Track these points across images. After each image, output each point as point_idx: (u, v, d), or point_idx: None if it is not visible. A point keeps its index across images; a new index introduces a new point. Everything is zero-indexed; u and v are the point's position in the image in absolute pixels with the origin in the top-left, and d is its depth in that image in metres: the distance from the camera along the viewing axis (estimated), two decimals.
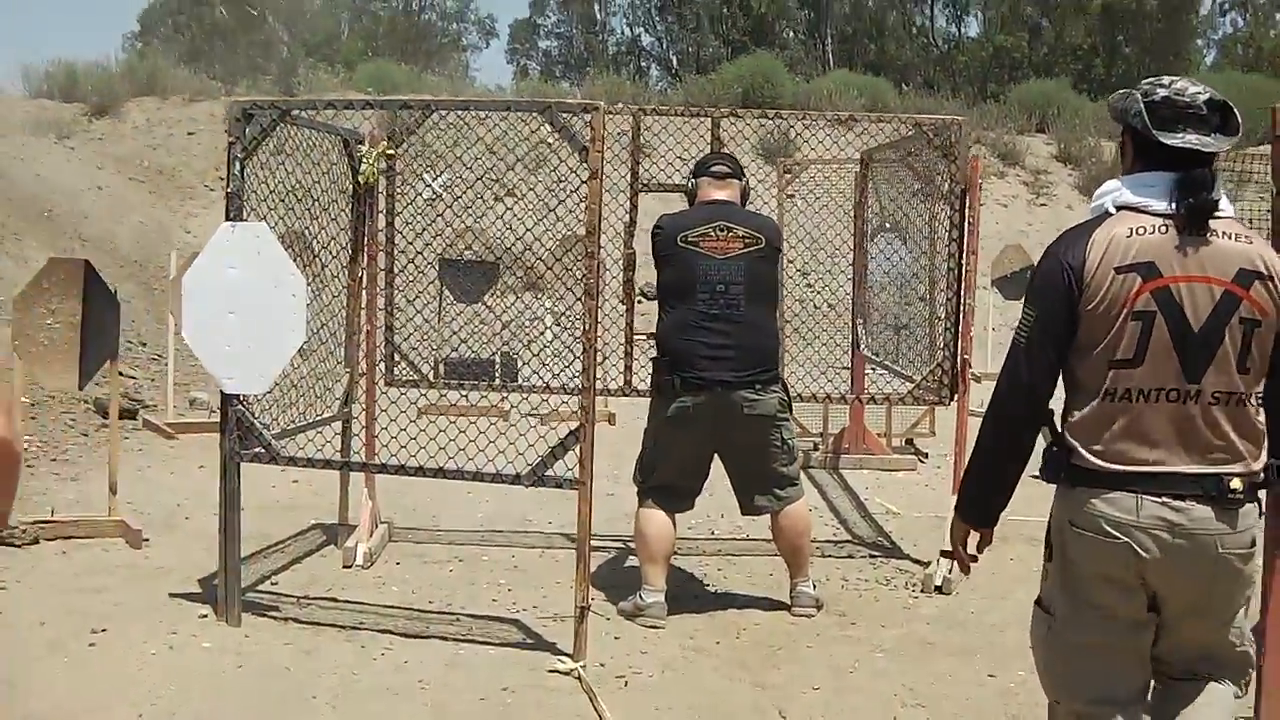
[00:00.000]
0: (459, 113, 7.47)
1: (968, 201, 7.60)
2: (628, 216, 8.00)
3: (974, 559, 3.95)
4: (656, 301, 6.83)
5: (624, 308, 8.01)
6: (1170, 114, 3.51)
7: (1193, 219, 3.47)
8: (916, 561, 8.17)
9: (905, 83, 36.40)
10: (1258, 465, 3.56)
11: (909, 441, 12.40)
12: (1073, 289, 3.48)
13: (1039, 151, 26.77)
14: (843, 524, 9.35)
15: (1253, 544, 3.58)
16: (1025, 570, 7.75)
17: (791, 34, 49.08)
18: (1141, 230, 3.47)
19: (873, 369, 10.44)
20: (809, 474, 10.96)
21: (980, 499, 3.82)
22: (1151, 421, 3.49)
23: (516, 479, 5.89)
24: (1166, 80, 3.61)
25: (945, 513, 9.57)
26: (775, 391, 6.65)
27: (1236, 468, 3.51)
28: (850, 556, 8.29)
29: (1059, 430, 3.64)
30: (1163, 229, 3.47)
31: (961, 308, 7.66)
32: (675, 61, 49.78)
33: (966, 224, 7.60)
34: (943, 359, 7.76)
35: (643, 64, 51.31)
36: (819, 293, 11.26)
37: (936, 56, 48.60)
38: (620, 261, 8.02)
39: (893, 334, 9.93)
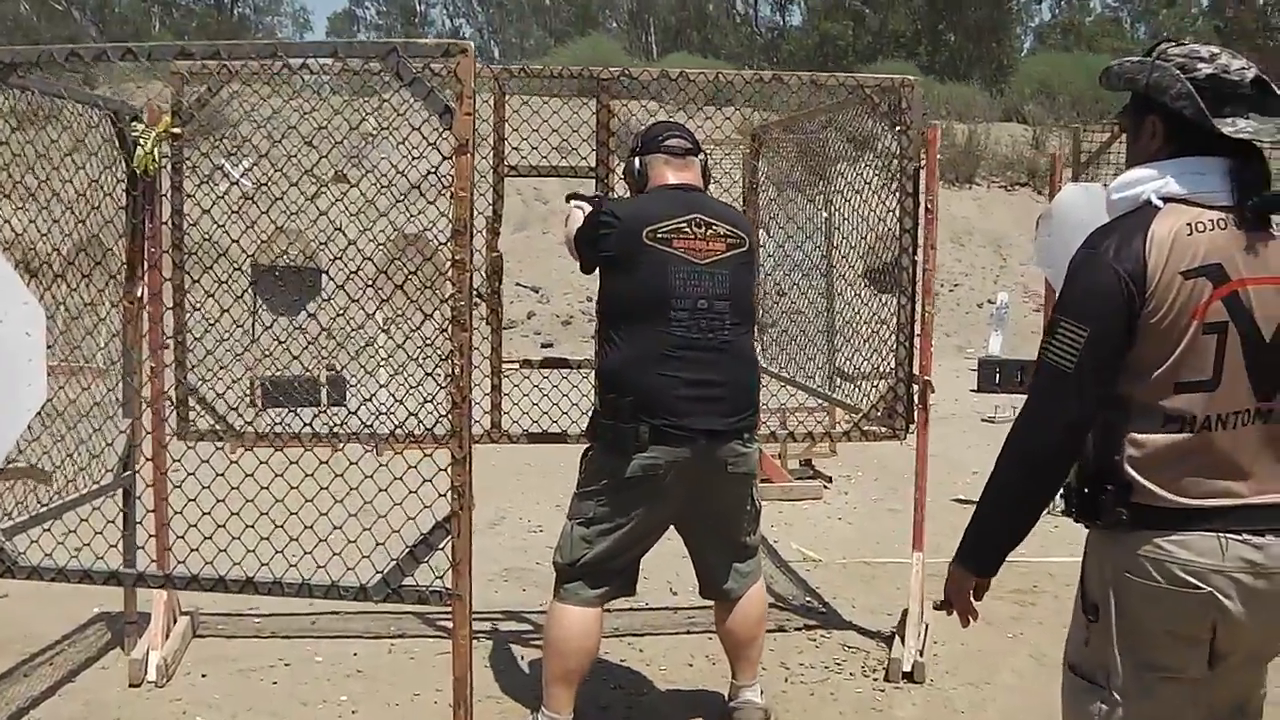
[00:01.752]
0: (266, 66, 5.58)
1: (921, 182, 6.00)
2: (490, 209, 6.16)
3: (974, 614, 3.44)
4: (598, 320, 5.14)
5: (488, 328, 6.19)
6: (1216, 95, 3.10)
7: (1260, 215, 3.10)
8: (864, 632, 6.58)
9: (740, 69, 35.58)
10: None
11: (807, 463, 10.82)
12: (1133, 300, 3.02)
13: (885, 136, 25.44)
14: None
15: None
16: (1002, 639, 6.43)
17: (615, 23, 48.56)
18: (1201, 227, 3.06)
19: (776, 386, 8.81)
20: None
21: (992, 548, 3.32)
22: (1227, 448, 3.08)
23: (362, 591, 4.10)
24: (1204, 52, 3.17)
25: (871, 555, 8.26)
26: (755, 440, 5.13)
27: None
28: (781, 629, 6.62)
29: (1112, 464, 3.12)
30: (1222, 224, 3.08)
31: (920, 314, 6.04)
32: (498, 52, 48.54)
33: (923, 210, 5.99)
34: (895, 381, 6.12)
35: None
36: None
37: (761, 45, 48.97)
38: (483, 267, 6.19)
39: (796, 342, 8.29)
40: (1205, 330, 3.04)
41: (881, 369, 6.41)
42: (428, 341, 5.90)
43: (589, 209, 5.06)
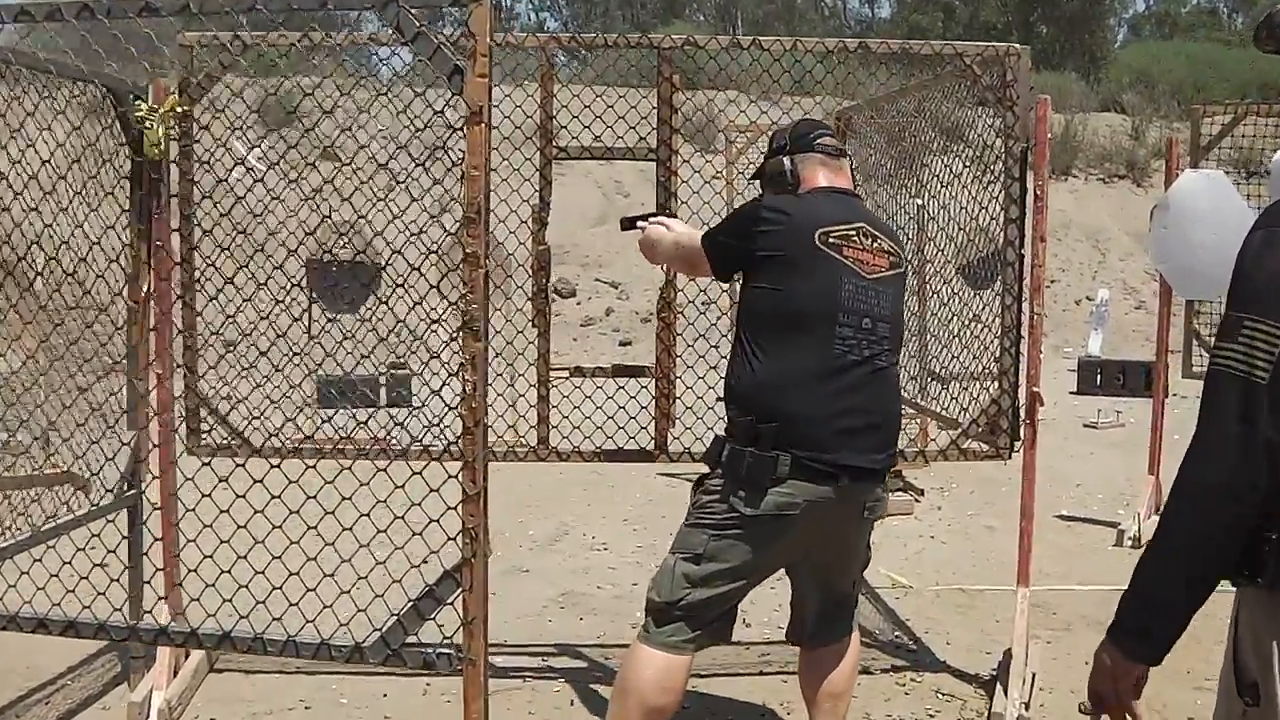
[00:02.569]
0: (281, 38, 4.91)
1: (1030, 166, 5.23)
2: (536, 195, 5.45)
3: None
4: (738, 328, 4.36)
5: (535, 329, 5.49)
6: None
7: None
8: (961, 675, 5.83)
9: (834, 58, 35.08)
10: None
11: (896, 474, 10.04)
12: None
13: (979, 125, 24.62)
14: None
15: None
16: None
17: (702, 16, 48.01)
18: None
19: None
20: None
21: (1169, 623, 2.53)
22: None
23: (357, 652, 3.41)
24: None
25: (968, 581, 7.51)
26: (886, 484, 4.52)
27: None
28: (866, 670, 5.85)
29: None
30: None
31: (1028, 316, 5.28)
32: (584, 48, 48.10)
33: (1032, 198, 5.23)
34: (999, 392, 5.35)
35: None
36: None
37: (850, 37, 48.19)
38: (528, 262, 5.49)
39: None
40: None
41: (979, 373, 5.66)
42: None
43: (672, 221, 4.72)
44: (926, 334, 7.55)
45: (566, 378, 5.60)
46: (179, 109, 5.04)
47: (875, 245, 4.29)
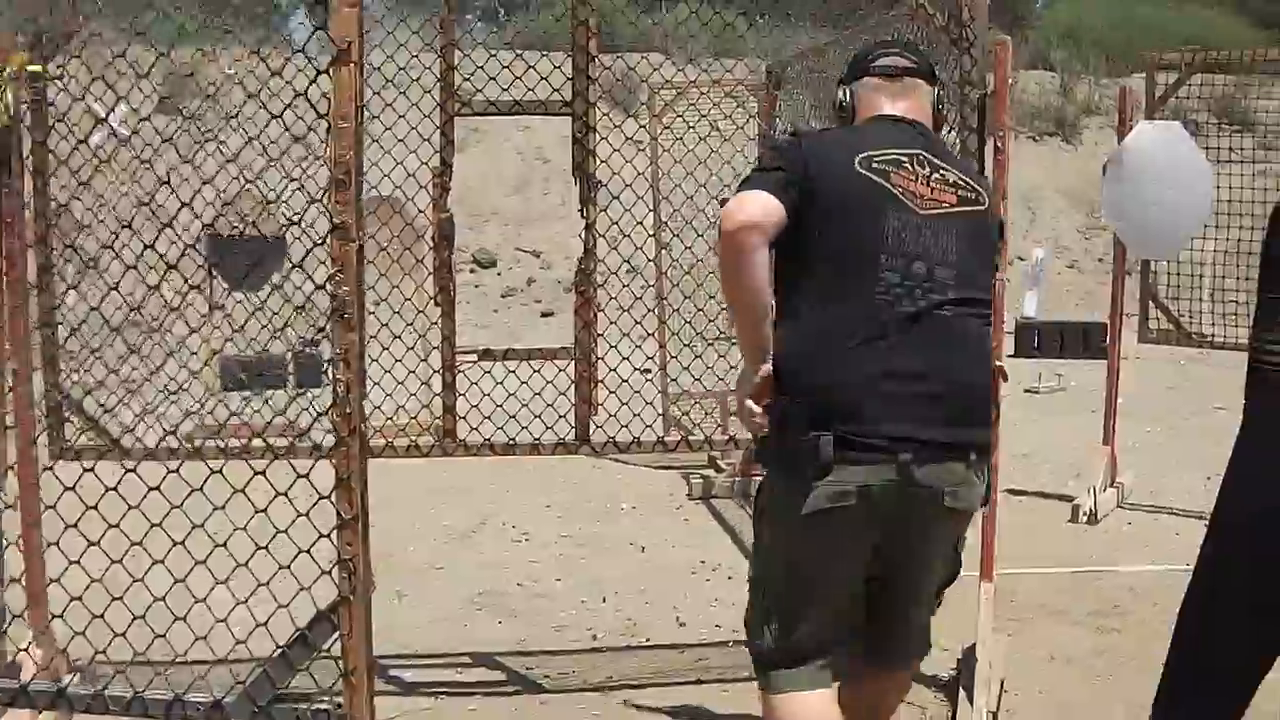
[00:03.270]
0: None
1: (989, 114, 4.69)
2: (436, 155, 4.83)
3: None
4: (777, 291, 3.42)
5: (438, 309, 4.89)
6: None
7: None
8: (917, 678, 5.28)
9: (760, 15, 34.50)
10: None
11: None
12: None
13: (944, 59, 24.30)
14: None
15: None
16: (1088, 684, 5.25)
17: None
18: None
19: None
20: (710, 506, 8.12)
21: None
22: None
23: (217, 709, 2.81)
24: None
25: None
26: (986, 472, 3.48)
27: None
28: None
29: None
30: None
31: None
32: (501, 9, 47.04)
33: (992, 149, 4.69)
34: None
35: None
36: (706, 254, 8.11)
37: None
38: (429, 232, 4.89)
39: None
40: None
41: None
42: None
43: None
44: None
45: (474, 362, 5.01)
46: (31, 68, 4.43)
47: (936, 176, 3.45)
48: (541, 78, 4.80)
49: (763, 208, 3.28)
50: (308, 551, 2.78)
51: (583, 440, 4.76)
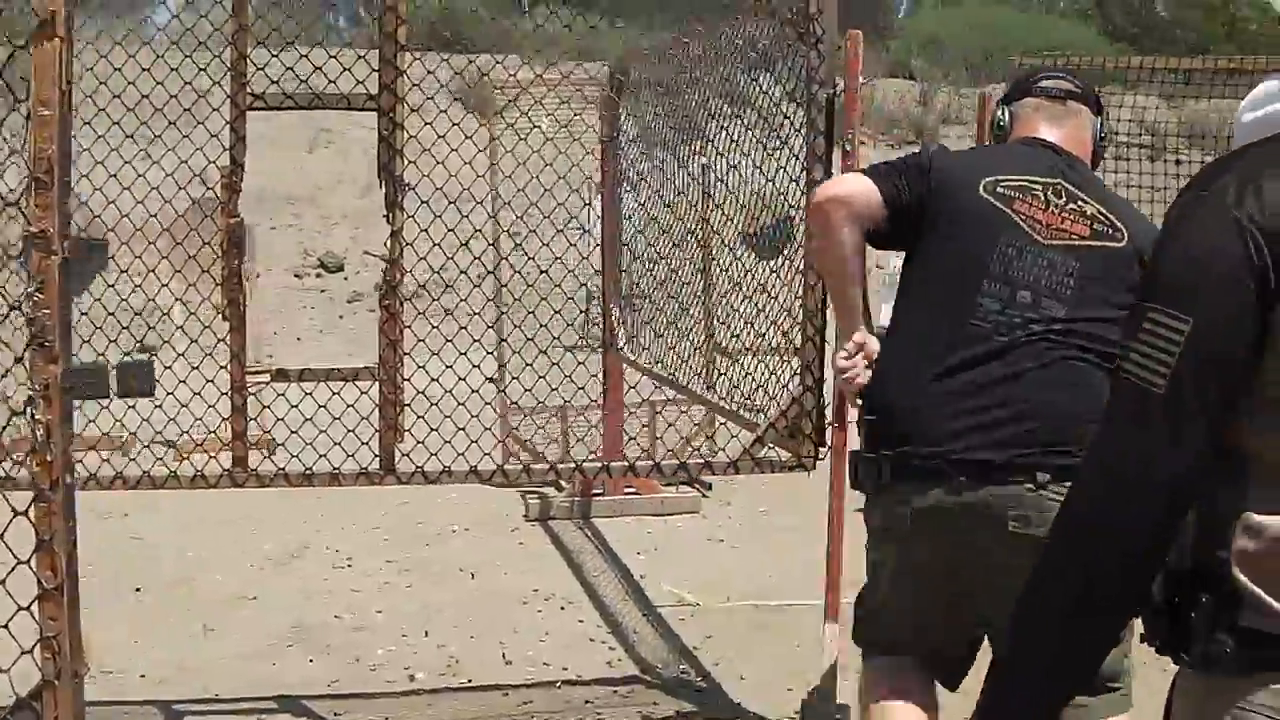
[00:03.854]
0: None
1: (837, 114, 4.32)
2: (225, 153, 4.32)
3: None
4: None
5: (227, 324, 4.39)
6: None
7: None
8: None
9: (618, 17, 34.26)
10: None
11: (681, 466, 9.13)
12: (1265, 275, 1.76)
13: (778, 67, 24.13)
14: (617, 635, 5.97)
15: None
16: None
17: None
18: None
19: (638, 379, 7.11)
20: (548, 528, 7.68)
21: (1044, 708, 1.98)
22: None
23: None
24: None
25: (765, 595, 6.56)
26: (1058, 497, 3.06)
27: None
28: (646, 719, 4.93)
29: (1212, 561, 1.84)
30: None
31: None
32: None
33: (843, 151, 4.32)
34: (803, 390, 4.42)
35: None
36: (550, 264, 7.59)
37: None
38: (217, 239, 4.40)
39: (668, 324, 6.58)
40: None
41: (776, 365, 4.76)
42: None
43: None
44: (713, 316, 6.67)
45: (267, 383, 4.52)
46: None
47: (1070, 206, 3.33)
48: (345, 68, 4.30)
49: (856, 187, 3.41)
50: (5, 626, 2.29)
51: (387, 470, 4.28)
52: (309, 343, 15.57)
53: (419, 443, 4.40)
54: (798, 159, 4.42)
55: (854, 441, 3.79)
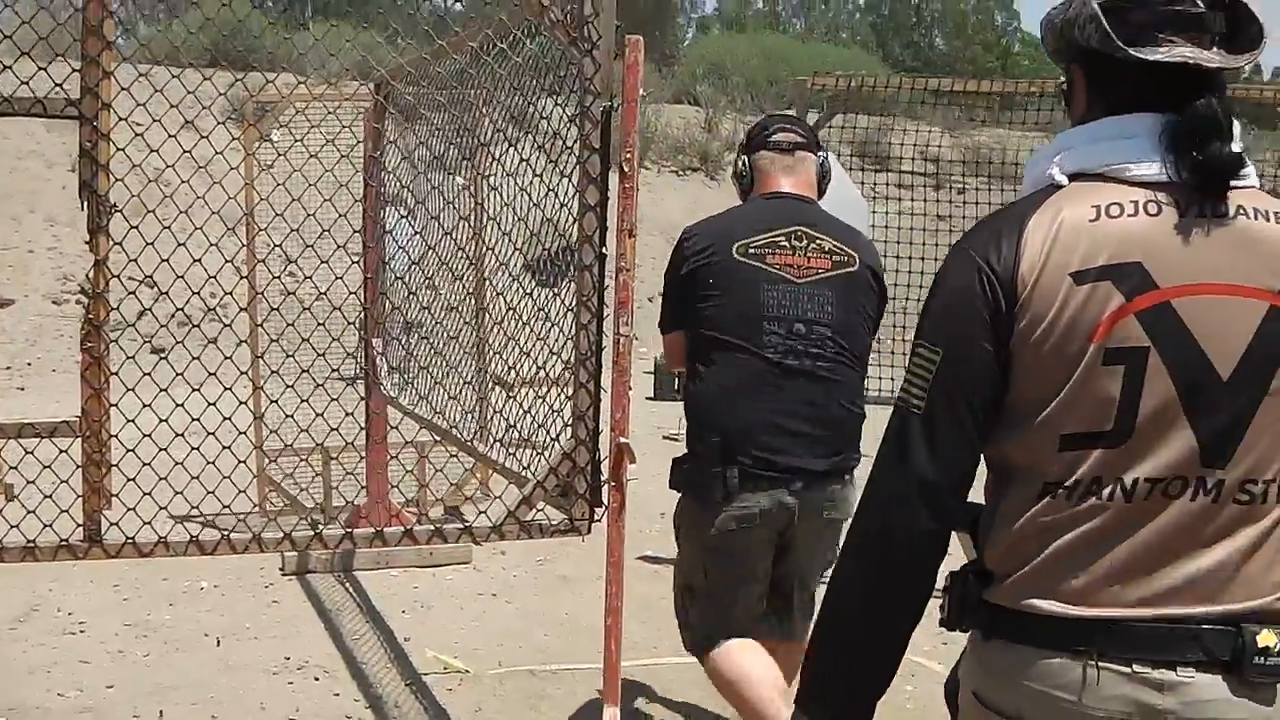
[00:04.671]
0: None
1: (614, 130, 3.82)
2: None
3: None
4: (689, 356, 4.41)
5: None
6: (1147, 17, 2.23)
7: (1205, 186, 2.17)
8: None
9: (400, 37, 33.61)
10: None
11: (453, 510, 8.57)
12: (998, 309, 2.19)
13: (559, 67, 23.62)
14: (377, 710, 5.36)
15: None
16: None
17: None
18: (1115, 210, 2.18)
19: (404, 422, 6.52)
20: (306, 585, 7.05)
21: (856, 690, 2.35)
22: (1139, 534, 2.15)
23: None
24: None
25: (541, 658, 6.03)
26: (854, 483, 4.32)
27: (1270, 605, 2.16)
28: None
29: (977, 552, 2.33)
30: (1152, 208, 2.18)
31: (613, 340, 3.88)
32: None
33: (620, 172, 3.83)
34: (576, 445, 3.90)
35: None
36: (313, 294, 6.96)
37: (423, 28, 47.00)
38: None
39: (436, 361, 5.99)
40: (1108, 359, 2.14)
41: (545, 419, 4.24)
42: None
43: None
44: (485, 345, 6.11)
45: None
46: None
47: (812, 247, 4.29)
48: (40, 67, 3.65)
49: (672, 348, 4.52)
50: None
51: (91, 540, 3.63)
52: (64, 374, 14.57)
53: (131, 509, 3.76)
54: (569, 179, 3.91)
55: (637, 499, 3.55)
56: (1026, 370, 2.19)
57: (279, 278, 6.09)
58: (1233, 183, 2.20)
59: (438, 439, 7.02)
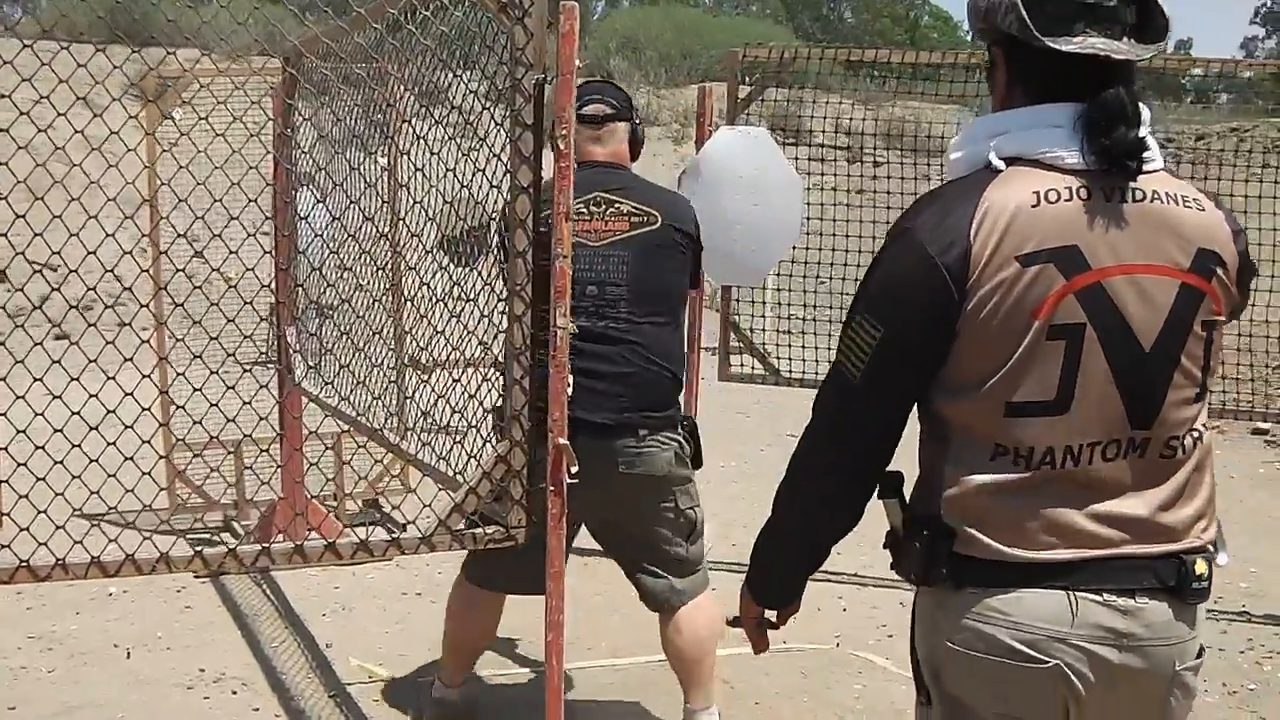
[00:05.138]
0: None
1: (547, 105, 3.52)
2: None
3: (774, 626, 2.88)
4: None
5: None
6: (1063, 9, 2.41)
7: (1113, 169, 2.41)
8: None
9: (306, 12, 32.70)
10: (1210, 535, 2.55)
11: (372, 503, 8.23)
12: (948, 293, 2.37)
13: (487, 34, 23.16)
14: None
15: (1201, 653, 2.55)
16: None
17: None
18: (1054, 196, 2.39)
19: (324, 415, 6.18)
20: (221, 587, 6.71)
21: (775, 581, 2.82)
22: (1087, 487, 2.43)
23: None
24: None
25: (478, 665, 5.73)
26: (671, 441, 4.58)
27: (1197, 541, 2.51)
28: None
29: (927, 508, 2.50)
30: (1083, 193, 2.39)
31: (552, 330, 3.58)
32: None
33: (556, 150, 3.54)
34: (510, 447, 3.60)
35: None
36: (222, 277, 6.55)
37: None
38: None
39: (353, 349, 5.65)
40: (1051, 334, 2.37)
41: (474, 418, 3.94)
42: None
43: None
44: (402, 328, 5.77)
45: None
46: None
47: (609, 211, 4.50)
48: None
49: None
50: None
51: None
52: None
53: (22, 528, 3.42)
54: (499, 159, 3.60)
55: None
56: (973, 344, 2.39)
57: (183, 270, 5.73)
58: (1144, 168, 2.42)
59: (346, 428, 6.71)
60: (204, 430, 5.99)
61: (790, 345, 7.59)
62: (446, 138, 3.91)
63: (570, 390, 3.81)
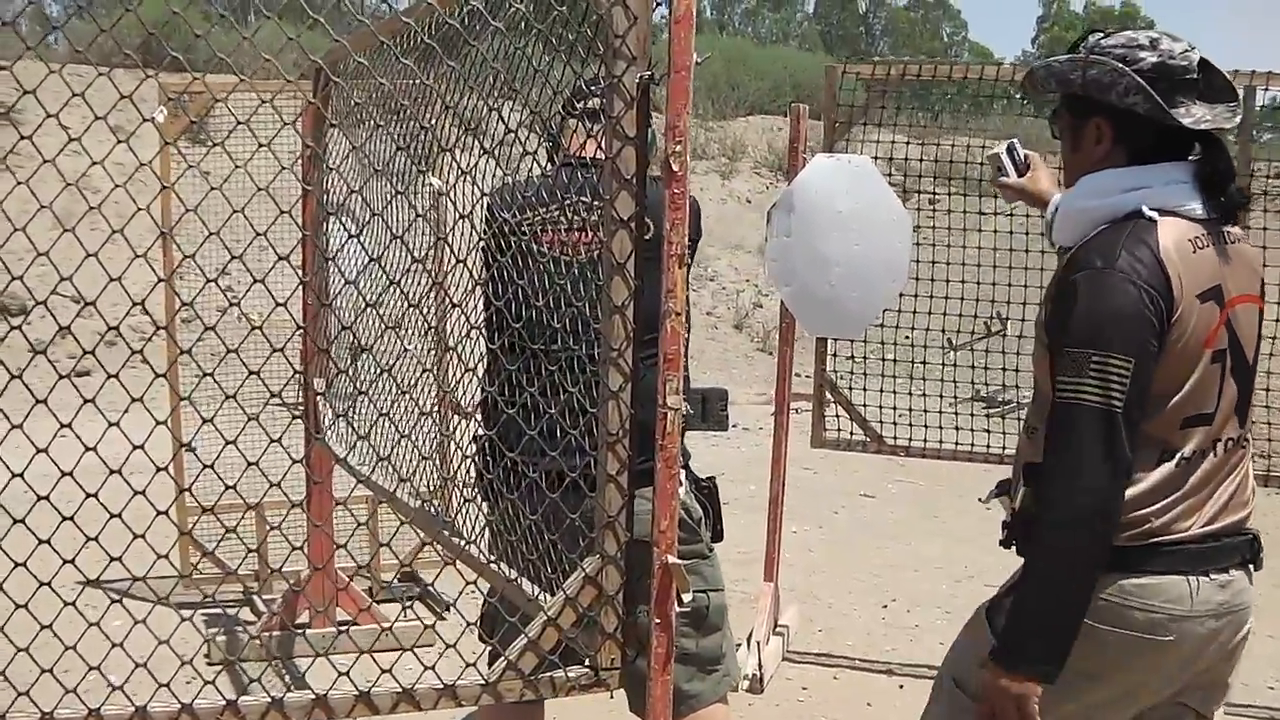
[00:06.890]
0: None
1: (652, 114, 2.68)
2: None
3: None
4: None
5: None
6: (1167, 86, 2.86)
7: (1227, 221, 2.95)
8: None
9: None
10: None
11: (409, 575, 7.38)
12: (1164, 323, 2.77)
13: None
14: None
15: None
16: None
17: None
18: (1202, 242, 2.86)
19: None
20: (234, 676, 5.86)
21: (1061, 641, 2.78)
22: (1208, 479, 2.89)
23: None
24: (1143, 39, 2.91)
25: None
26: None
27: (1253, 520, 3.04)
28: None
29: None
30: (1211, 238, 2.89)
31: (660, 411, 2.70)
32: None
33: (669, 171, 2.68)
34: (604, 562, 2.71)
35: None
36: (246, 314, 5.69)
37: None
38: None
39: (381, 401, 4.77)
40: (1213, 359, 2.87)
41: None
42: None
43: None
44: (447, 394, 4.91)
45: None
46: None
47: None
48: None
49: None
50: None
51: None
52: None
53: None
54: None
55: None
56: (1165, 369, 2.78)
57: (190, 305, 4.90)
58: None
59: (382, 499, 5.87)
60: (215, 495, 5.20)
61: (881, 406, 6.69)
62: (520, 154, 3.04)
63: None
